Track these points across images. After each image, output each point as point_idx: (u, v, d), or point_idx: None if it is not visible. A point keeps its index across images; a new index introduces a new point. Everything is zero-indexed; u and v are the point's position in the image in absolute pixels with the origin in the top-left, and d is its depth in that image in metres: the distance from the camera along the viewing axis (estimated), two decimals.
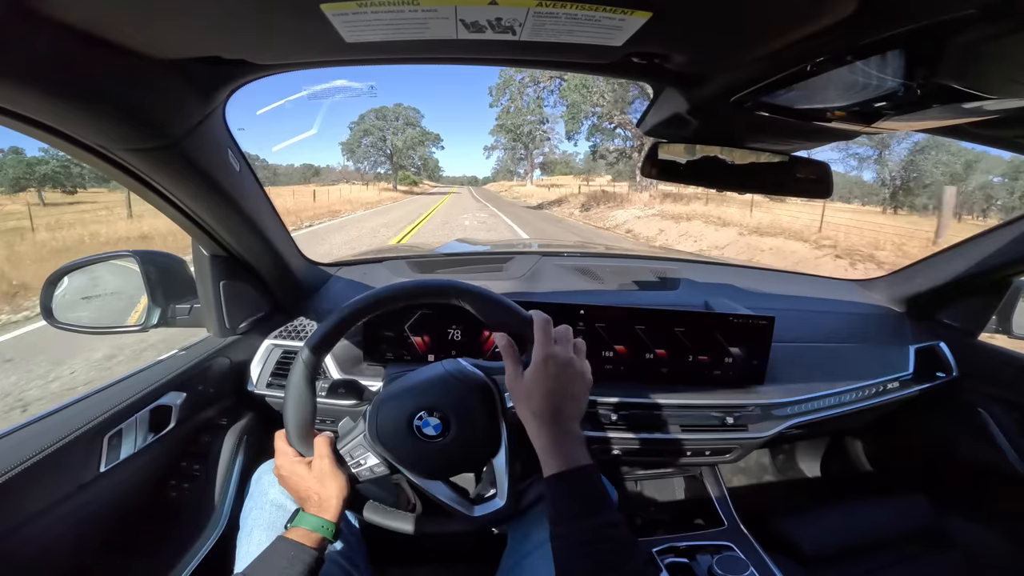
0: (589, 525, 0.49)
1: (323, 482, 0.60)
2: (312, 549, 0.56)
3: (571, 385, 0.55)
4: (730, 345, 0.99)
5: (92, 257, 0.92)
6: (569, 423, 0.55)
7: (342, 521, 0.75)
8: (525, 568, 0.70)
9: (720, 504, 1.07)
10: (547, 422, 0.54)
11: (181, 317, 0.94)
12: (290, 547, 0.56)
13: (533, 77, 29.64)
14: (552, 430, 0.53)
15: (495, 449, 0.64)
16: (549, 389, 0.54)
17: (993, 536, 1.07)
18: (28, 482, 0.60)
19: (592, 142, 25.99)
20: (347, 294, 1.13)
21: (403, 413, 0.62)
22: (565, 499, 0.51)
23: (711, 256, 2.01)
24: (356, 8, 0.39)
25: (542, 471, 0.54)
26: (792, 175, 0.76)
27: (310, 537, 0.57)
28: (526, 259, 1.34)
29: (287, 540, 0.56)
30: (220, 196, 0.72)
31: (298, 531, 0.58)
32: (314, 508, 0.60)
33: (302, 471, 0.62)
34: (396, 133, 60.56)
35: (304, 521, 0.59)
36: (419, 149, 62.03)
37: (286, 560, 0.54)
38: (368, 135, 60.50)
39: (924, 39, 0.39)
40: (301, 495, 0.61)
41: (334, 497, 0.60)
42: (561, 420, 0.54)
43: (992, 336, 1.17)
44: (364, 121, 60.86)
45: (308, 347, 0.62)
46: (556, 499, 0.52)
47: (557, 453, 0.52)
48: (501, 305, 0.62)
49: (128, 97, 0.49)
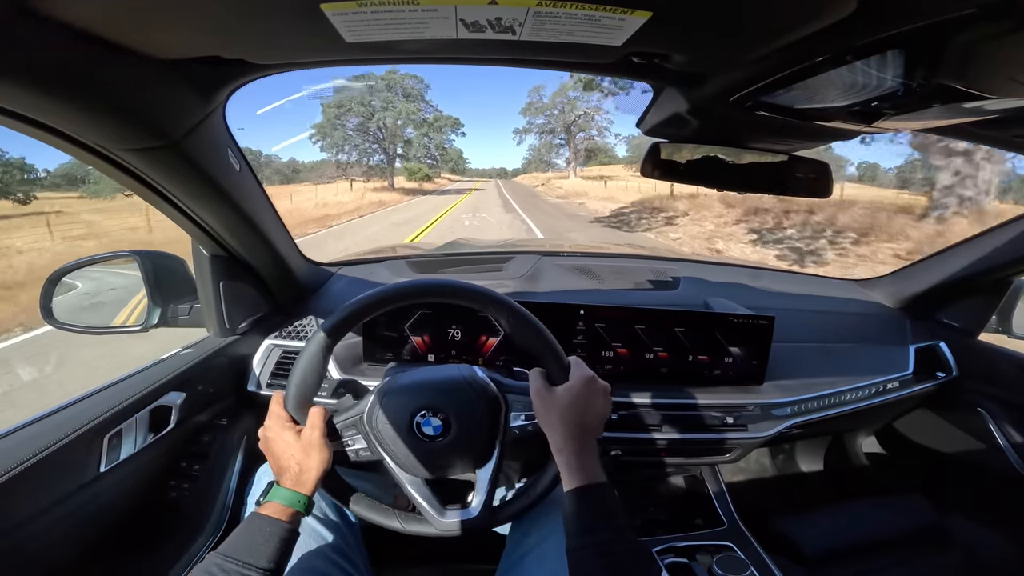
0: (608, 539, 0.50)
1: (308, 453, 0.60)
2: (286, 523, 0.56)
3: (602, 404, 0.60)
4: (730, 345, 0.99)
5: (92, 257, 0.92)
6: (592, 439, 0.58)
7: (343, 518, 0.75)
8: (523, 567, 0.71)
9: (720, 504, 1.07)
10: (576, 437, 0.56)
11: (181, 317, 0.94)
12: (265, 523, 0.55)
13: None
14: (577, 445, 0.56)
15: (484, 462, 0.64)
16: (584, 406, 0.58)
17: (993, 536, 1.07)
18: (28, 482, 0.60)
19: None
20: (347, 294, 1.13)
21: (407, 407, 0.63)
22: (587, 512, 0.53)
23: (711, 256, 2.01)
24: (356, 8, 0.39)
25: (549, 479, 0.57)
26: (792, 174, 0.76)
27: (284, 512, 0.57)
28: (526, 259, 1.34)
29: (261, 516, 0.56)
30: (220, 196, 0.72)
31: (272, 506, 0.57)
32: (290, 481, 0.59)
33: (289, 437, 0.61)
34: (387, 108, 41.23)
35: (278, 495, 0.58)
36: (435, 136, 44.40)
37: (262, 537, 0.54)
38: (347, 111, 40.31)
39: (924, 39, 0.39)
40: (281, 464, 0.61)
41: (314, 470, 0.60)
42: (588, 436, 0.57)
43: (992, 336, 1.17)
44: (342, 92, 40.23)
45: (338, 316, 0.63)
46: (577, 512, 0.53)
47: (580, 467, 0.55)
48: (541, 336, 0.62)
49: (128, 97, 0.49)
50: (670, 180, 0.78)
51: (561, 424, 0.57)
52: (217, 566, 0.50)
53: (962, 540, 1.05)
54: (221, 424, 0.96)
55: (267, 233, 0.87)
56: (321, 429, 0.62)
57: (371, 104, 41.15)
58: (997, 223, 1.03)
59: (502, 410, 0.64)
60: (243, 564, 0.51)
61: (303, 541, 0.70)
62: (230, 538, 0.54)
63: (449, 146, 48.56)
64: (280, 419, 0.63)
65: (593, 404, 0.59)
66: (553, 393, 0.60)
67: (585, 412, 0.58)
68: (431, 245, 1.70)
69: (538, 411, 0.60)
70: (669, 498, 1.16)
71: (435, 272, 1.35)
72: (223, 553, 0.52)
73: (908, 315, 1.24)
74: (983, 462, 1.13)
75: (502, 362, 1.00)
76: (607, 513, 0.52)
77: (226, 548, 0.53)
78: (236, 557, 0.51)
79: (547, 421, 0.59)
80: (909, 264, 1.28)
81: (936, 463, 1.28)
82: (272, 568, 0.52)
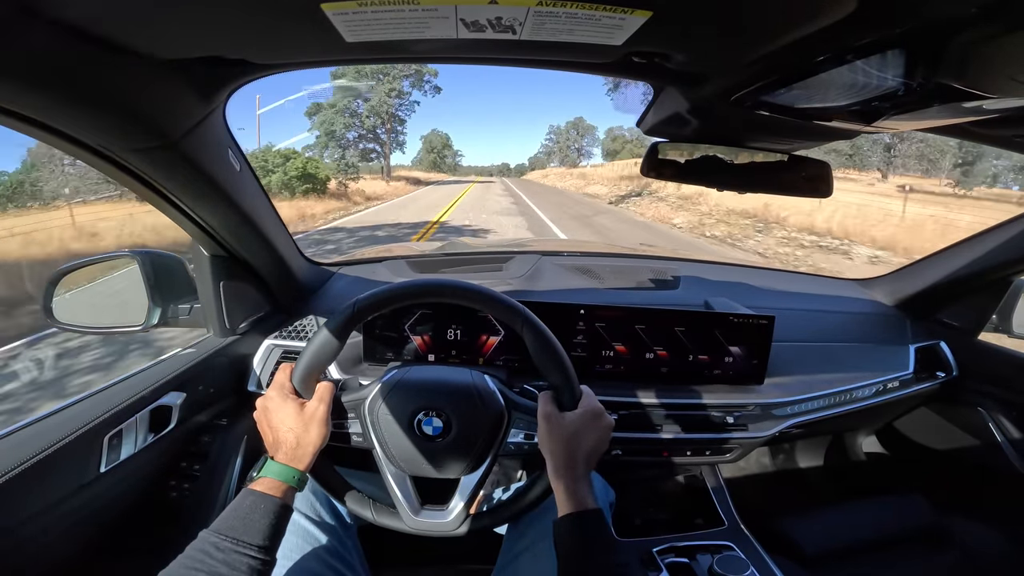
0: (602, 564, 0.51)
1: (308, 427, 0.59)
2: (279, 499, 0.54)
3: (604, 439, 0.61)
4: (730, 345, 0.99)
5: (92, 258, 0.92)
6: (589, 469, 0.59)
7: (338, 520, 0.75)
8: (518, 567, 0.71)
9: (720, 504, 1.07)
10: (576, 465, 0.58)
11: (181, 317, 0.94)
12: (259, 499, 0.53)
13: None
14: (576, 473, 0.57)
15: (473, 469, 0.64)
16: (588, 438, 0.59)
17: (993, 536, 1.07)
18: (28, 482, 0.60)
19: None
20: (348, 294, 1.12)
21: (412, 403, 0.63)
22: (580, 538, 0.54)
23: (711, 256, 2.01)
24: (356, 8, 0.39)
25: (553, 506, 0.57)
26: (792, 174, 0.76)
27: (278, 487, 0.55)
28: (526, 259, 1.34)
29: (255, 492, 0.54)
30: (220, 196, 0.72)
31: (266, 481, 0.55)
32: (285, 455, 0.57)
33: (291, 409, 0.59)
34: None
35: (271, 470, 0.56)
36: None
37: (256, 514, 0.52)
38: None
39: (924, 38, 0.39)
40: (279, 436, 0.59)
41: (311, 445, 0.59)
42: (586, 466, 0.58)
43: (992, 335, 1.17)
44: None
45: (378, 292, 0.62)
46: (571, 537, 0.54)
47: (576, 493, 0.56)
48: (561, 364, 0.62)
49: (128, 97, 0.49)
50: (670, 180, 0.78)
51: (564, 451, 0.58)
52: (212, 544, 0.49)
53: (962, 540, 1.05)
54: (221, 424, 0.96)
55: (267, 233, 0.87)
56: (328, 404, 0.60)
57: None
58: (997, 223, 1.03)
59: (503, 424, 0.64)
60: (238, 542, 0.49)
61: (298, 543, 0.70)
62: (223, 515, 0.53)
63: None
64: (284, 389, 0.61)
65: (596, 437, 0.60)
66: (562, 419, 0.60)
67: (588, 443, 0.59)
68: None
69: (542, 434, 0.60)
70: (669, 498, 1.16)
71: (435, 272, 1.35)
72: (216, 531, 0.50)
73: (908, 314, 1.24)
74: (983, 462, 1.13)
75: (502, 362, 1.00)
76: (602, 539, 0.53)
77: (219, 525, 0.51)
78: (229, 535, 0.50)
79: (550, 445, 0.59)
80: (909, 263, 1.28)
81: (936, 463, 1.28)
82: (267, 545, 0.51)
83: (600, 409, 0.62)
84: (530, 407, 0.64)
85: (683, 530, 1.00)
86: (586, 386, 0.65)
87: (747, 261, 2.07)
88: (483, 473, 0.64)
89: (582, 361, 0.99)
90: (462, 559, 1.01)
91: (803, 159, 0.75)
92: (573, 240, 7.91)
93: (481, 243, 1.93)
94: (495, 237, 10.25)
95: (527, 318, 0.62)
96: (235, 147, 0.72)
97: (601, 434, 0.61)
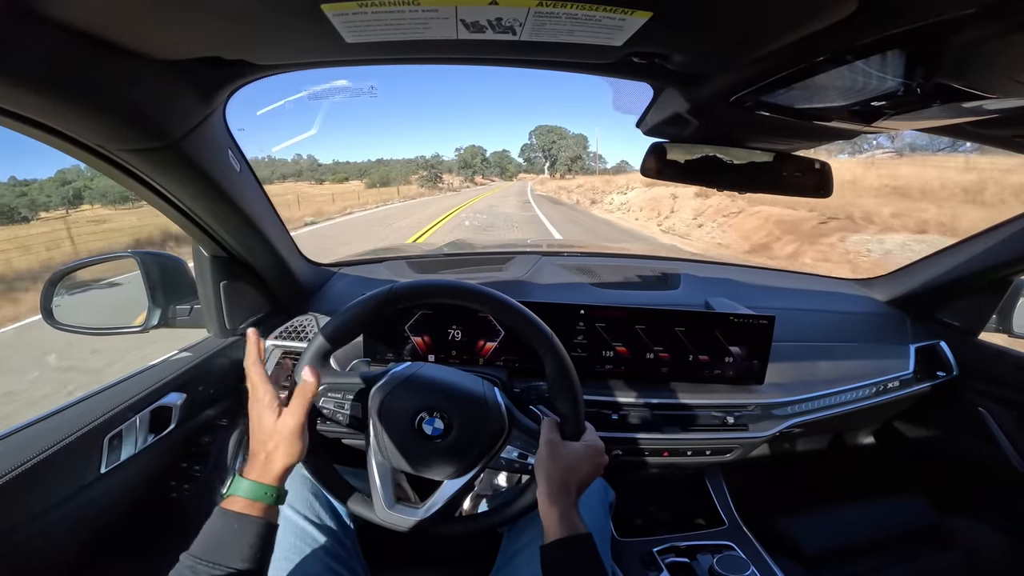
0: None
1: (278, 444, 0.54)
2: (257, 518, 0.51)
3: (595, 475, 0.63)
4: (730, 345, 0.99)
5: (92, 258, 0.92)
6: (579, 497, 0.60)
7: (338, 522, 0.74)
8: (515, 566, 0.72)
9: (721, 504, 1.07)
10: (569, 493, 0.58)
11: (181, 317, 0.94)
12: (231, 519, 0.51)
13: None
14: (570, 500, 0.58)
15: (459, 476, 0.64)
16: (584, 470, 0.61)
17: (993, 536, 1.07)
18: (29, 483, 0.60)
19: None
20: (349, 294, 1.13)
21: (419, 399, 0.63)
22: (572, 561, 0.54)
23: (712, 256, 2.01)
24: (356, 8, 0.39)
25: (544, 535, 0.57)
26: (792, 174, 0.76)
27: (251, 506, 0.52)
28: (526, 259, 1.34)
29: (227, 512, 0.51)
30: (220, 196, 0.72)
31: (235, 500, 0.52)
32: (255, 471, 0.54)
33: (267, 421, 0.55)
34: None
35: (240, 488, 0.52)
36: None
37: (230, 535, 0.50)
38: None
39: (924, 38, 0.39)
40: (254, 448, 0.55)
41: (279, 463, 0.54)
42: (576, 495, 0.59)
43: (993, 335, 1.17)
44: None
45: (411, 284, 0.63)
46: (560, 563, 0.54)
47: (571, 519, 0.56)
48: (573, 391, 0.63)
49: (128, 97, 0.49)
50: (670, 180, 0.78)
51: (561, 478, 0.58)
52: (188, 568, 0.47)
53: (962, 540, 1.05)
54: (221, 425, 0.96)
55: (267, 233, 0.87)
56: (299, 419, 0.55)
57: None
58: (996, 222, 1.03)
59: (501, 439, 0.64)
60: (214, 565, 0.47)
61: (297, 545, 0.70)
62: (199, 537, 0.50)
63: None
64: (268, 395, 0.56)
65: (592, 471, 0.62)
66: (564, 447, 0.61)
67: (583, 474, 0.60)
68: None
69: (542, 457, 0.60)
70: (670, 498, 1.16)
71: (436, 273, 1.35)
72: (192, 554, 0.49)
73: (908, 314, 1.24)
74: (983, 462, 1.13)
75: (502, 362, 1.00)
76: (596, 564, 0.54)
77: (195, 548, 0.49)
78: (206, 558, 0.48)
79: (549, 470, 0.59)
80: (909, 263, 1.28)
81: (936, 463, 1.28)
82: (249, 568, 0.49)
83: (601, 446, 0.64)
84: (532, 428, 0.65)
85: (684, 530, 1.00)
86: (590, 424, 0.66)
87: (748, 261, 2.07)
88: (467, 481, 0.64)
89: (582, 361, 0.99)
90: (461, 560, 1.01)
91: (804, 159, 0.75)
92: (574, 240, 7.93)
93: (481, 243, 1.93)
94: (497, 235, 10.31)
95: (553, 345, 0.63)
96: (235, 147, 0.72)
97: (596, 470, 0.63)
